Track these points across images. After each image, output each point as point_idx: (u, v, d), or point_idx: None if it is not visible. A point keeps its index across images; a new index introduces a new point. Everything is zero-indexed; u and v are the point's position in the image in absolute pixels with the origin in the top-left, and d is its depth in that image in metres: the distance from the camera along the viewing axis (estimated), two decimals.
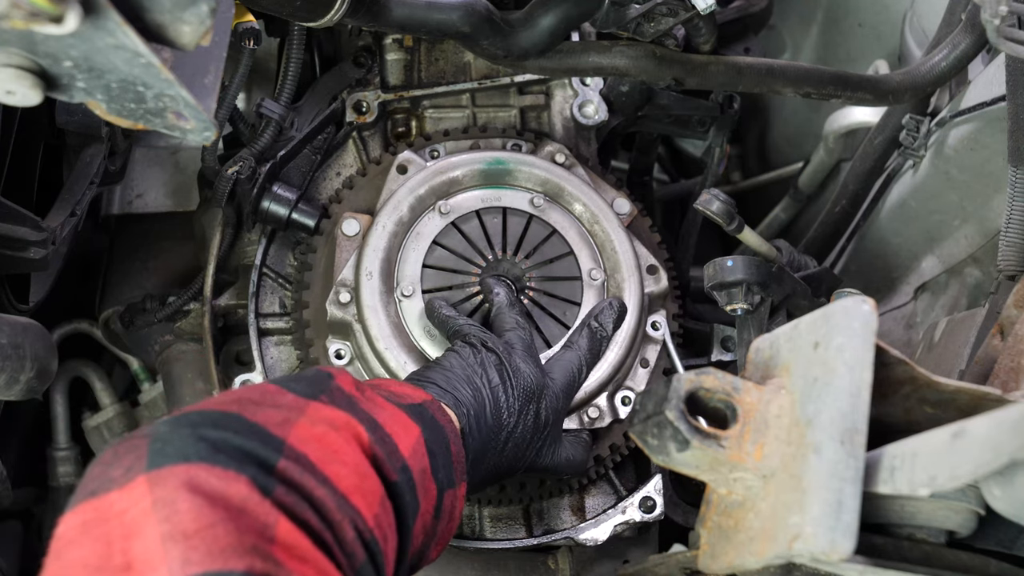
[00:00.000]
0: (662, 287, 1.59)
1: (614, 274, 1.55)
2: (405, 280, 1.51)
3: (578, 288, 1.55)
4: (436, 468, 1.10)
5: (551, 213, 1.57)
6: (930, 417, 0.99)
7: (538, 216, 1.57)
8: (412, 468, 1.05)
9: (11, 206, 1.41)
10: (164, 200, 1.99)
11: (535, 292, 1.54)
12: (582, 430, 1.48)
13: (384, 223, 1.52)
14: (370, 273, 1.48)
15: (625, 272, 1.55)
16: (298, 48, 1.66)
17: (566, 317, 1.53)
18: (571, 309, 1.53)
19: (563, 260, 1.56)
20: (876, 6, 2.15)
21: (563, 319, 1.53)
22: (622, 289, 1.54)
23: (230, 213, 1.62)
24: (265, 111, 1.64)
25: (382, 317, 1.47)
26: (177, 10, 0.80)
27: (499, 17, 1.35)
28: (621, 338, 1.51)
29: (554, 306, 1.53)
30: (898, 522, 0.94)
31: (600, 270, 1.55)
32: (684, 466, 0.96)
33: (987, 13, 1.24)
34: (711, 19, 1.43)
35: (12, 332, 1.36)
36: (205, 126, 0.90)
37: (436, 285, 1.52)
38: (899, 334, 1.80)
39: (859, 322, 0.93)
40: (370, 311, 1.47)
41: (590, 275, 1.55)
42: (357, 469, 0.95)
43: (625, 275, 1.54)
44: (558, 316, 1.53)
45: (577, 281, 1.55)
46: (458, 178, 1.57)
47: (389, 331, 1.47)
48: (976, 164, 1.59)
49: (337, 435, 0.96)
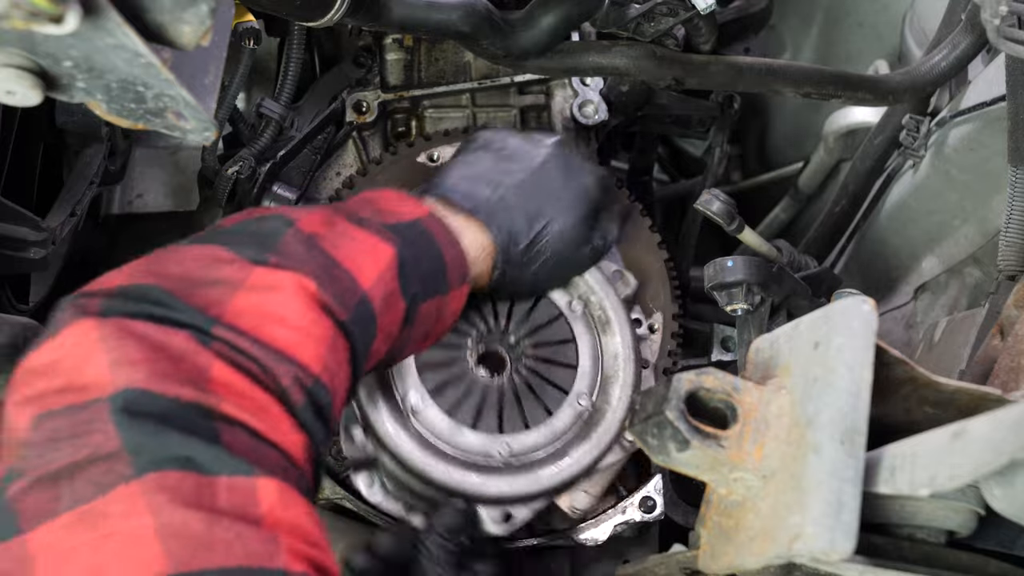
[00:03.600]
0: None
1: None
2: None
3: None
4: (407, 284, 1.17)
5: (578, 324, 1.47)
6: (930, 417, 0.99)
7: (567, 319, 1.47)
8: (373, 297, 1.11)
9: (11, 206, 1.41)
10: (164, 200, 1.99)
11: (526, 371, 1.44)
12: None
13: None
14: None
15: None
16: (298, 48, 1.66)
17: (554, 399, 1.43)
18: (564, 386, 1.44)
19: (562, 369, 1.46)
20: (876, 6, 2.15)
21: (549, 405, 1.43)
22: (599, 426, 1.42)
23: (230, 213, 1.62)
24: (265, 111, 1.64)
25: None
26: (177, 10, 0.80)
27: (499, 17, 1.35)
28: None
29: (542, 390, 1.44)
30: (898, 522, 0.94)
31: (588, 400, 1.44)
32: (684, 466, 0.96)
33: (987, 13, 1.24)
34: (711, 19, 1.43)
35: (12, 332, 1.36)
36: (205, 126, 0.90)
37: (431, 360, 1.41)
38: (899, 334, 1.80)
39: (859, 322, 0.93)
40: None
41: (577, 399, 1.43)
42: (299, 322, 1.00)
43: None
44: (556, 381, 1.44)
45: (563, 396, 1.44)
46: None
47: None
48: (976, 164, 1.59)
49: (276, 296, 1.00)
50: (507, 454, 1.39)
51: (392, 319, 1.16)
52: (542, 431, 1.42)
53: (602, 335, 1.48)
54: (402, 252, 1.17)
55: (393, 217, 1.22)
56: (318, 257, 1.07)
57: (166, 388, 0.87)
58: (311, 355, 0.99)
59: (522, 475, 1.38)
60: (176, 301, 0.94)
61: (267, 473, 0.87)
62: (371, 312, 1.11)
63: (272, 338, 0.97)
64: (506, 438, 1.40)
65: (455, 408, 1.40)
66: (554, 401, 1.44)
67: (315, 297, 1.02)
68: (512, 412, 1.43)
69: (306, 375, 0.98)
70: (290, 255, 1.05)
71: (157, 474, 0.82)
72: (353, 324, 1.07)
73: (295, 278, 1.02)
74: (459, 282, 1.28)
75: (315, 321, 1.02)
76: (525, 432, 1.41)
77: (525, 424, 1.42)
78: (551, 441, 1.41)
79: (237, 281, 0.99)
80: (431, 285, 1.23)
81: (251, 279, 1.00)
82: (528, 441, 1.41)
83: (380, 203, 1.25)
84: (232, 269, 1.01)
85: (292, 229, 1.09)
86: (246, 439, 0.89)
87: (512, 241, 1.35)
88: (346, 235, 1.13)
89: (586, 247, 1.43)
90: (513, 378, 1.44)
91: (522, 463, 1.39)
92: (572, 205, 1.40)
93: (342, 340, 1.05)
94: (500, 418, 1.42)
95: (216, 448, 0.86)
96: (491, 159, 1.41)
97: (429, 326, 1.27)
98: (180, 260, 1.02)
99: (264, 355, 0.95)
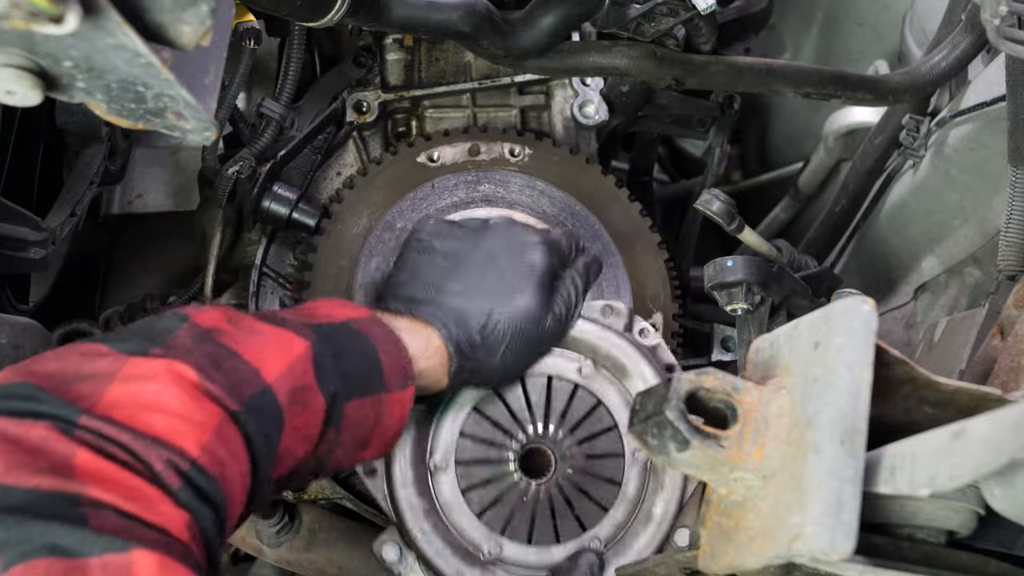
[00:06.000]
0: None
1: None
2: (439, 450, 1.40)
3: (620, 466, 1.43)
4: (325, 380, 1.13)
5: (597, 382, 1.46)
6: (930, 417, 0.99)
7: (584, 386, 1.45)
8: (277, 389, 1.07)
9: (11, 206, 1.41)
10: (164, 200, 2.00)
11: (573, 471, 1.42)
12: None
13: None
14: (402, 442, 1.37)
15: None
16: (298, 48, 1.66)
17: (604, 498, 1.41)
18: (611, 489, 1.41)
19: (607, 435, 1.44)
20: (876, 6, 2.15)
21: (601, 501, 1.41)
22: (665, 469, 1.40)
23: (230, 213, 1.62)
24: (265, 111, 1.64)
25: (411, 490, 1.37)
26: (177, 10, 0.80)
27: (499, 17, 1.35)
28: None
29: (593, 486, 1.42)
30: (898, 522, 0.94)
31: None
32: (684, 466, 0.96)
33: (987, 13, 1.24)
34: (711, 19, 1.43)
35: (12, 332, 1.37)
36: (205, 126, 0.90)
37: (471, 457, 1.41)
38: (899, 334, 1.80)
39: (859, 322, 0.93)
40: (399, 485, 1.36)
41: (634, 454, 1.42)
42: (177, 409, 0.97)
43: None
44: (596, 498, 1.41)
45: (620, 459, 1.43)
46: None
47: (421, 510, 1.36)
48: (976, 164, 1.59)
49: (152, 384, 0.97)
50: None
51: (308, 419, 1.12)
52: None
53: (624, 380, 1.45)
54: (319, 347, 1.13)
55: (321, 319, 1.20)
56: (209, 348, 1.05)
57: (23, 480, 0.84)
58: (189, 440, 0.96)
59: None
60: (44, 395, 0.92)
61: (144, 547, 0.84)
62: (275, 406, 1.07)
63: (146, 425, 0.94)
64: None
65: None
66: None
67: (195, 385, 0.99)
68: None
69: (182, 459, 0.94)
70: (174, 347, 1.03)
71: (24, 566, 0.80)
72: (249, 415, 1.03)
73: (171, 366, 0.99)
74: (400, 383, 1.23)
75: (196, 408, 0.98)
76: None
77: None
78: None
79: (110, 373, 0.97)
80: (360, 384, 1.18)
81: (125, 370, 0.98)
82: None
83: (310, 308, 1.24)
84: (106, 362, 0.98)
85: (187, 324, 1.07)
86: (116, 519, 0.86)
87: (462, 333, 1.31)
88: (251, 330, 1.11)
89: (546, 318, 1.38)
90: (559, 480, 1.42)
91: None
92: (519, 285, 1.36)
93: (234, 430, 1.02)
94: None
95: (83, 530, 0.83)
96: (429, 258, 1.39)
97: (365, 431, 1.22)
98: (60, 356, 1.00)
99: (134, 441, 0.92)
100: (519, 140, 1.67)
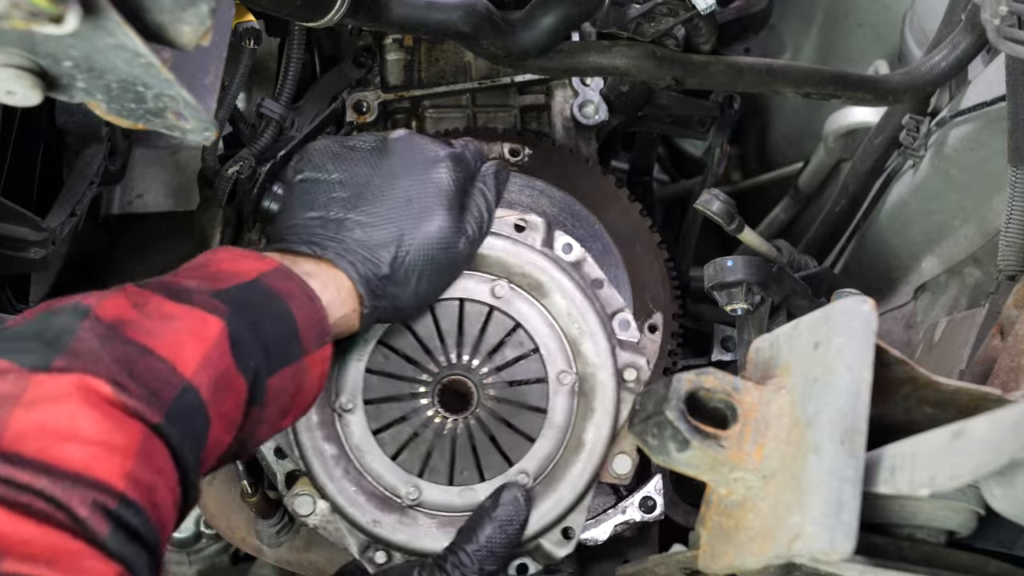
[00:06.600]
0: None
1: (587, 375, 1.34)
2: (345, 391, 1.31)
3: (544, 392, 1.36)
4: (244, 359, 1.04)
5: (514, 303, 1.37)
6: (930, 417, 0.99)
7: (499, 308, 1.37)
8: (199, 384, 0.98)
9: (11, 206, 1.40)
10: (164, 200, 1.99)
11: (494, 402, 1.34)
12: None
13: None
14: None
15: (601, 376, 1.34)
16: (298, 48, 1.66)
17: (530, 428, 1.34)
18: (536, 418, 1.35)
19: (527, 360, 1.37)
20: (876, 6, 2.15)
21: (526, 432, 1.34)
22: (595, 392, 1.35)
23: (230, 213, 1.62)
24: (265, 111, 1.64)
25: (317, 435, 1.28)
26: (177, 10, 0.80)
27: (499, 17, 1.35)
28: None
29: (517, 416, 1.35)
30: (898, 522, 0.94)
31: (570, 372, 1.35)
32: (684, 466, 0.96)
33: (987, 13, 1.24)
34: (711, 19, 1.43)
35: None
36: (205, 126, 0.90)
37: (380, 395, 1.32)
38: (899, 334, 1.80)
39: (859, 322, 0.93)
40: (302, 429, 1.28)
41: (559, 377, 1.35)
42: (94, 434, 0.87)
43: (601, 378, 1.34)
44: (521, 429, 1.34)
45: (544, 384, 1.36)
46: None
47: (330, 456, 1.28)
48: (976, 164, 1.59)
49: (62, 407, 0.87)
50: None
51: (231, 403, 1.03)
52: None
53: (543, 299, 1.38)
54: (234, 323, 1.03)
55: (227, 280, 1.09)
56: (118, 350, 0.94)
57: None
58: (112, 471, 0.86)
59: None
60: None
61: None
62: (198, 402, 0.98)
63: (61, 459, 0.84)
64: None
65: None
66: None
67: (111, 401, 0.89)
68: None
69: (108, 496, 0.85)
70: (80, 354, 0.91)
71: None
72: (172, 423, 0.94)
73: (82, 382, 0.89)
74: (317, 343, 1.14)
75: (114, 429, 0.88)
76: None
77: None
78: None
79: (13, 397, 0.86)
80: (280, 354, 1.09)
81: (29, 392, 0.87)
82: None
83: (213, 265, 1.13)
84: (6, 383, 0.87)
85: (88, 321, 0.95)
86: None
87: (372, 271, 1.22)
88: (160, 315, 1.00)
89: (458, 240, 1.28)
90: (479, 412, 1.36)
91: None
92: (427, 208, 1.26)
93: (158, 444, 0.92)
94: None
95: None
96: (327, 188, 1.28)
97: (286, 401, 1.13)
98: None
99: (51, 485, 0.82)
100: (519, 140, 1.67)
